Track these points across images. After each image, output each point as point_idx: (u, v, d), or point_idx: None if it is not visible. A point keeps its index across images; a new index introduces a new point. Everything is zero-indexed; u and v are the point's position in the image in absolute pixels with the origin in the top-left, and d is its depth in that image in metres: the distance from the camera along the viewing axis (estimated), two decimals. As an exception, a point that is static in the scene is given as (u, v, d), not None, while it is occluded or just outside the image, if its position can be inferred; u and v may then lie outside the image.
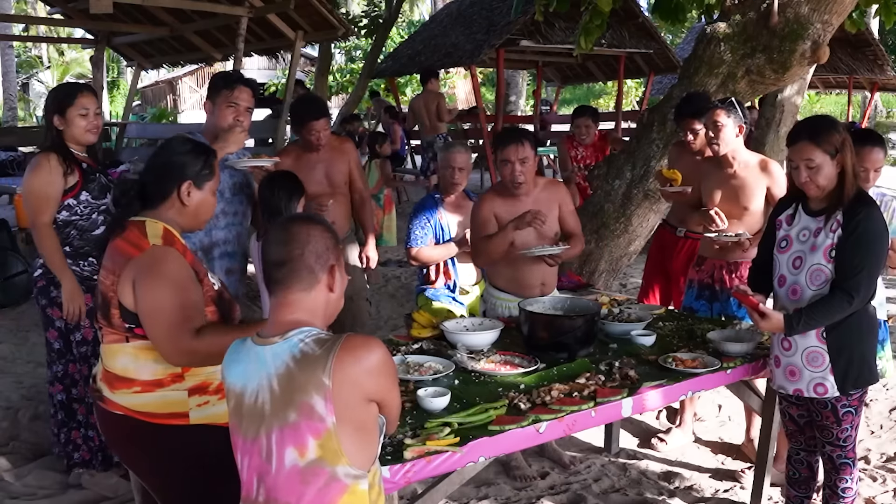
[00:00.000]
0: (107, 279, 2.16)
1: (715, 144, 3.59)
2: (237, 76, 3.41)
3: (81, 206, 3.20)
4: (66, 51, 27.94)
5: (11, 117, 19.19)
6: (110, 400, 2.21)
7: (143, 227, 2.17)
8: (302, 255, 1.73)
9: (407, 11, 26.28)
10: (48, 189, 3.12)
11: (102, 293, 2.18)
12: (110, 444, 2.42)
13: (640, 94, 18.99)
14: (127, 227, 2.18)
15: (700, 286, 3.80)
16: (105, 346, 2.24)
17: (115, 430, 2.25)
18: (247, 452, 1.76)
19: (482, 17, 11.99)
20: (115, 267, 2.14)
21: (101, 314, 2.21)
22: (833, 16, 4.50)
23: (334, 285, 1.79)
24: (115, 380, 2.20)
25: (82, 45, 14.52)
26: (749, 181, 3.62)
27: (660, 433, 4.04)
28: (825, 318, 2.66)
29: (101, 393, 2.24)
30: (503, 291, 3.55)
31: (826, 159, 2.63)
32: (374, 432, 1.73)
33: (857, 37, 12.49)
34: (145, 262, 2.10)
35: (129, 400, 2.18)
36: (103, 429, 2.31)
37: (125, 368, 2.18)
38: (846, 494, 2.82)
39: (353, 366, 1.64)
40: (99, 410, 2.28)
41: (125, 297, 2.12)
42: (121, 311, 2.14)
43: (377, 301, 6.47)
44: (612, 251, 5.18)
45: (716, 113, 3.56)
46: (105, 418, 2.25)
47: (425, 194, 4.64)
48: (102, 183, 3.26)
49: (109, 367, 2.22)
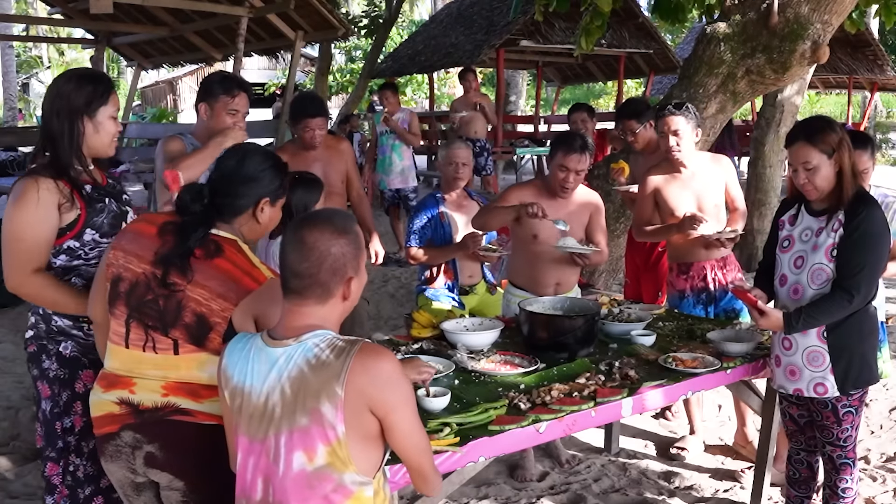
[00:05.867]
0: (214, 304, 1.97)
1: (676, 152, 3.58)
2: (237, 81, 3.25)
3: (86, 248, 2.41)
4: (66, 51, 27.96)
5: (11, 117, 19.19)
6: (201, 412, 2.00)
7: (238, 246, 2.04)
8: (318, 272, 1.70)
9: (407, 11, 26.27)
10: (37, 230, 2.29)
11: (201, 315, 1.98)
12: (178, 459, 2.02)
13: (641, 94, 19.00)
14: (222, 244, 2.01)
15: (695, 292, 3.74)
16: (181, 357, 2.01)
17: (197, 442, 2.01)
18: (252, 452, 1.76)
19: (482, 17, 12.01)
20: (230, 294, 1.97)
21: (185, 333, 1.99)
22: (833, 16, 4.51)
23: (350, 294, 1.77)
24: (203, 389, 2.00)
25: (82, 45, 14.51)
26: (709, 178, 3.68)
27: (676, 443, 3.96)
28: (825, 317, 2.66)
29: (179, 406, 2.00)
30: (520, 289, 3.59)
31: (823, 159, 2.64)
32: (380, 440, 1.73)
33: (857, 37, 12.51)
34: (268, 297, 1.97)
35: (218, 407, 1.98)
36: (176, 443, 2.01)
37: (214, 377, 1.94)
38: (846, 494, 2.82)
39: (361, 375, 1.64)
40: (171, 427, 2.00)
41: (241, 326, 1.97)
42: (226, 336, 1.97)
43: (377, 301, 6.47)
44: (612, 251, 5.17)
45: (673, 121, 3.53)
46: (185, 431, 2.01)
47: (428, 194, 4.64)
48: (114, 210, 2.46)
49: (192, 377, 2.01)
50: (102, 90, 2.41)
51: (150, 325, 2.01)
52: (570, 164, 3.39)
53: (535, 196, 3.48)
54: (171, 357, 2.01)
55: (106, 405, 2.05)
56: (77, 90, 2.36)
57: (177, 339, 2.00)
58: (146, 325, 2.01)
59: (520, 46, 11.51)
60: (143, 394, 2.01)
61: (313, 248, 1.70)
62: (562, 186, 3.44)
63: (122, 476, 2.09)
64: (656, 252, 4.33)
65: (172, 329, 2.00)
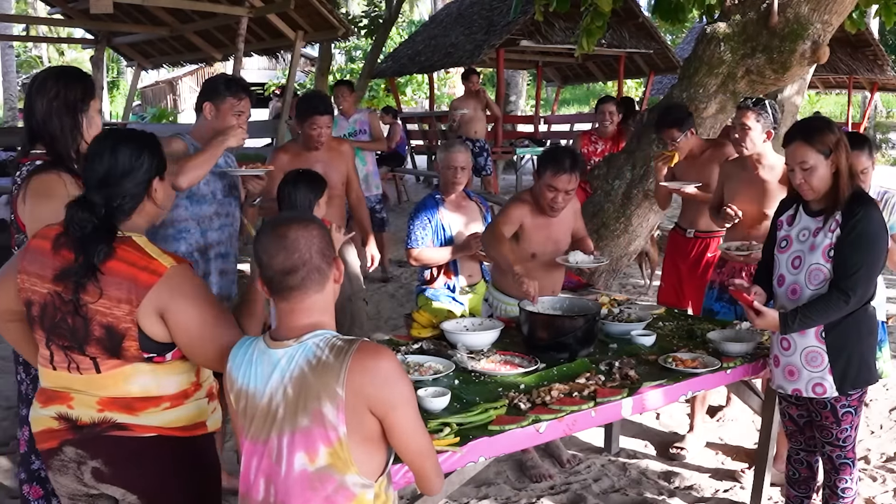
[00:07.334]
0: (117, 310, 1.88)
1: (741, 146, 3.57)
2: (242, 85, 3.30)
3: None
4: (67, 51, 27.96)
5: (11, 117, 19.19)
6: (137, 424, 1.96)
7: (132, 242, 1.94)
8: (311, 258, 1.73)
9: (407, 11, 26.27)
10: None
11: (108, 326, 1.90)
12: (124, 473, 1.99)
13: (640, 94, 19.00)
14: (115, 247, 1.91)
15: (721, 288, 3.78)
16: (105, 374, 1.94)
17: (140, 455, 1.97)
18: (255, 454, 1.76)
19: (482, 17, 12.01)
20: (130, 297, 1.88)
21: (99, 348, 1.92)
22: (833, 16, 4.51)
23: (340, 276, 1.81)
24: (136, 402, 1.96)
25: (82, 45, 14.53)
26: (771, 185, 3.58)
27: (676, 443, 3.96)
28: (821, 317, 2.66)
29: (115, 421, 1.95)
30: (509, 296, 3.58)
31: (820, 159, 2.64)
32: (383, 443, 1.73)
33: (857, 37, 12.51)
34: (169, 288, 1.90)
35: (161, 418, 1.97)
36: (120, 459, 1.97)
37: (146, 389, 1.95)
38: (846, 495, 2.82)
39: (360, 375, 1.65)
40: (111, 442, 1.96)
41: (150, 327, 1.91)
42: (140, 342, 1.92)
43: (377, 301, 6.47)
44: (612, 251, 5.18)
45: (745, 115, 3.54)
46: (126, 445, 1.96)
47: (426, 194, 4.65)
48: None
49: (121, 392, 1.95)
50: (90, 85, 2.49)
51: (66, 346, 1.95)
52: (558, 184, 3.35)
53: (532, 213, 3.48)
54: (96, 376, 1.95)
55: (45, 420, 2.01)
56: (69, 87, 2.42)
57: (95, 357, 1.93)
58: (63, 347, 1.95)
59: (520, 46, 11.52)
60: (81, 409, 1.97)
61: (297, 240, 1.72)
62: (550, 206, 3.41)
63: (73, 488, 2.04)
64: (705, 260, 4.16)
65: (87, 346, 1.92)
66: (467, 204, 4.08)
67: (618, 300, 3.71)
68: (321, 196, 3.39)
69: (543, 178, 3.39)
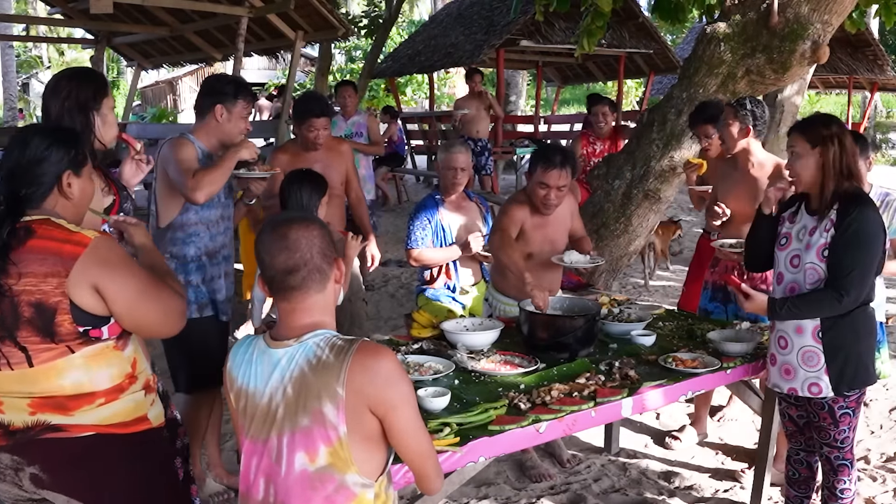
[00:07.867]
0: (45, 285, 1.85)
1: (722, 144, 3.71)
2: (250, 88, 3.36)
3: None
4: (67, 51, 27.96)
5: (11, 117, 19.19)
6: (73, 424, 1.91)
7: (52, 222, 1.92)
8: (312, 258, 1.73)
9: (407, 11, 26.27)
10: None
11: (38, 303, 1.86)
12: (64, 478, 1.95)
13: (640, 94, 19.00)
14: (32, 227, 1.90)
15: (714, 288, 3.80)
16: (37, 368, 1.89)
17: (79, 458, 1.93)
18: (255, 453, 1.76)
19: (482, 17, 12.00)
20: (56, 268, 1.86)
21: (30, 330, 1.87)
22: (833, 16, 4.51)
23: (340, 276, 1.81)
24: (68, 401, 1.91)
25: (82, 45, 14.53)
26: (761, 183, 3.58)
27: (673, 431, 4.01)
28: (810, 312, 2.66)
29: (49, 423, 1.90)
30: (508, 297, 3.57)
31: (807, 148, 2.66)
32: (383, 442, 1.73)
33: (857, 37, 12.50)
34: (96, 260, 1.89)
35: (96, 415, 1.93)
36: (58, 463, 1.92)
37: (78, 384, 1.91)
38: (844, 495, 2.82)
39: (360, 374, 1.64)
40: (46, 445, 1.91)
41: (82, 298, 1.88)
42: (73, 315, 1.89)
43: (377, 301, 6.47)
44: (612, 251, 5.18)
45: (724, 113, 3.65)
46: (63, 448, 1.92)
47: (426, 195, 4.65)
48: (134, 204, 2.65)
49: (53, 390, 1.90)
50: (102, 84, 2.52)
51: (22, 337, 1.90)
52: (549, 180, 3.33)
53: (530, 213, 3.47)
54: (28, 371, 1.90)
55: None
56: (81, 86, 2.46)
57: (26, 348, 1.89)
58: None
59: (520, 46, 11.50)
60: (12, 413, 1.92)
61: (298, 240, 1.72)
62: (544, 204, 3.39)
63: (15, 494, 1.99)
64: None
65: (17, 332, 1.88)
66: (467, 204, 4.09)
67: (618, 300, 3.71)
68: (324, 196, 3.43)
69: (534, 176, 3.39)
